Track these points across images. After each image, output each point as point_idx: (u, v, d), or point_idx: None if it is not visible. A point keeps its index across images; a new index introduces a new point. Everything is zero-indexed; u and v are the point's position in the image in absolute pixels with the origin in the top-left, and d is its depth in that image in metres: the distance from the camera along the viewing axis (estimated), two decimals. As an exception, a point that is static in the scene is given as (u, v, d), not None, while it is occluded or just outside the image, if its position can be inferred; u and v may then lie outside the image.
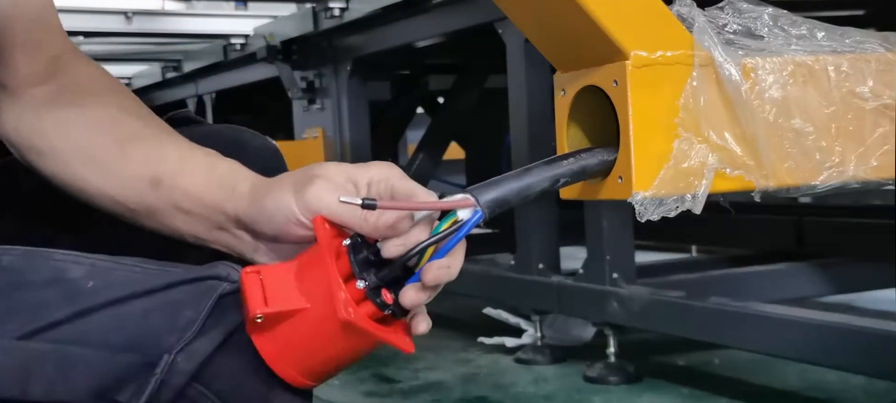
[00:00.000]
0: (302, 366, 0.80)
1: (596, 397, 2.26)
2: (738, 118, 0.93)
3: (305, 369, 0.81)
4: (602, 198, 0.94)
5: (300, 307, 0.78)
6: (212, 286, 0.82)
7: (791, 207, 3.40)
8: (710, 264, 3.04)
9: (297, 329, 0.79)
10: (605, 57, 0.92)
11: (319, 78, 3.45)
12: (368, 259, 0.80)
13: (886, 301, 2.93)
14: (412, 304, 0.80)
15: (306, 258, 0.81)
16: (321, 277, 0.78)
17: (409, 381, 2.48)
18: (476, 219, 0.81)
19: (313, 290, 0.79)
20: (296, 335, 0.79)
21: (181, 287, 0.82)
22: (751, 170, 0.94)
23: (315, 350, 0.80)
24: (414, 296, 0.80)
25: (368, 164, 0.86)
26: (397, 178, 0.84)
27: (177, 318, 0.80)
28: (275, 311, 0.78)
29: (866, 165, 0.98)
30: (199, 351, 0.80)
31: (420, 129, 4.06)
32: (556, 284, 2.51)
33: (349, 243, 0.80)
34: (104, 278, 0.83)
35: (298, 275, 0.80)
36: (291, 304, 0.78)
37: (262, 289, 0.79)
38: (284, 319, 0.78)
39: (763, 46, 0.97)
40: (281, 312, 0.78)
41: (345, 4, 3.10)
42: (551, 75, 1.00)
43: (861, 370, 1.94)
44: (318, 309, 0.78)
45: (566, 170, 0.88)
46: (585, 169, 0.90)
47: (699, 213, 0.92)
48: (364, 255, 0.80)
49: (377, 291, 0.79)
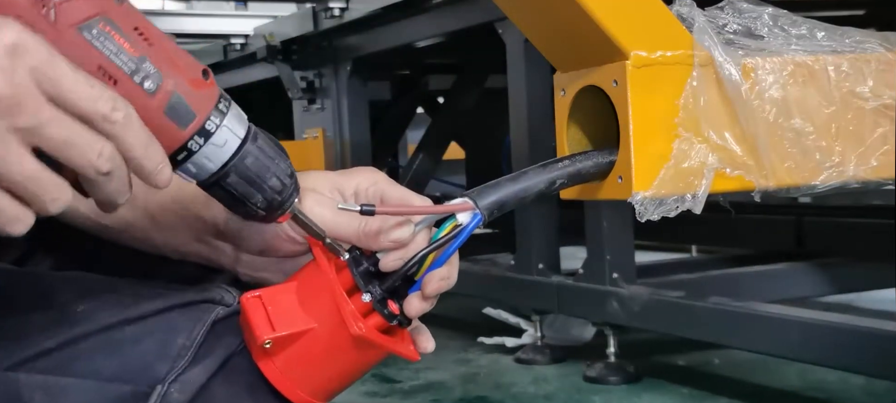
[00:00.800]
0: (311, 386, 0.79)
1: (596, 397, 2.26)
2: (738, 118, 0.93)
3: (315, 388, 0.79)
4: (602, 197, 0.94)
5: (307, 327, 0.77)
6: (205, 310, 0.79)
7: (791, 207, 3.40)
8: (710, 264, 3.04)
9: (305, 349, 0.77)
10: (605, 57, 0.92)
11: (319, 78, 3.45)
12: (369, 271, 0.79)
13: (886, 301, 2.93)
14: (417, 313, 0.79)
15: (306, 275, 0.79)
16: (325, 294, 0.77)
17: (409, 381, 2.48)
18: (475, 223, 0.80)
19: (318, 308, 0.77)
20: (304, 355, 0.77)
21: (174, 311, 0.79)
22: (751, 170, 0.94)
23: (324, 369, 0.78)
24: (418, 305, 0.79)
25: (352, 171, 0.83)
26: (386, 184, 0.82)
27: (169, 346, 0.78)
28: (282, 336, 0.76)
29: (866, 165, 0.98)
30: (193, 381, 0.77)
31: (420, 129, 4.05)
32: (556, 284, 2.51)
33: (349, 256, 0.78)
34: (95, 301, 0.79)
35: (300, 295, 0.78)
36: (298, 325, 0.77)
37: (265, 313, 0.77)
38: (292, 341, 0.77)
39: (763, 46, 0.97)
40: (287, 336, 0.76)
41: (345, 4, 3.10)
42: (551, 75, 1.00)
43: (861, 370, 1.93)
44: (326, 327, 0.77)
45: (562, 172, 0.88)
46: (581, 171, 0.90)
47: (699, 213, 0.92)
48: (365, 267, 0.79)
49: (383, 302, 0.78)
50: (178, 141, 0.67)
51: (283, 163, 0.73)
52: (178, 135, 0.67)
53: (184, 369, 0.77)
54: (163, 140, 0.66)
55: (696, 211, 0.92)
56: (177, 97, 0.66)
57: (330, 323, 0.77)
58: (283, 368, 0.77)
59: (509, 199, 0.83)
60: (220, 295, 0.80)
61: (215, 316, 0.79)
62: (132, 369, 0.77)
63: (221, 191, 0.71)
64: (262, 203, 0.73)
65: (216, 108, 0.68)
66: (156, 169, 0.65)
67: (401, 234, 0.78)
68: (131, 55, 0.65)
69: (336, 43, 3.34)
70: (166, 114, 0.66)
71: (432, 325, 0.84)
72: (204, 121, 0.68)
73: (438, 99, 4.42)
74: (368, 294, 0.77)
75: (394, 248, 0.78)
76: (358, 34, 3.21)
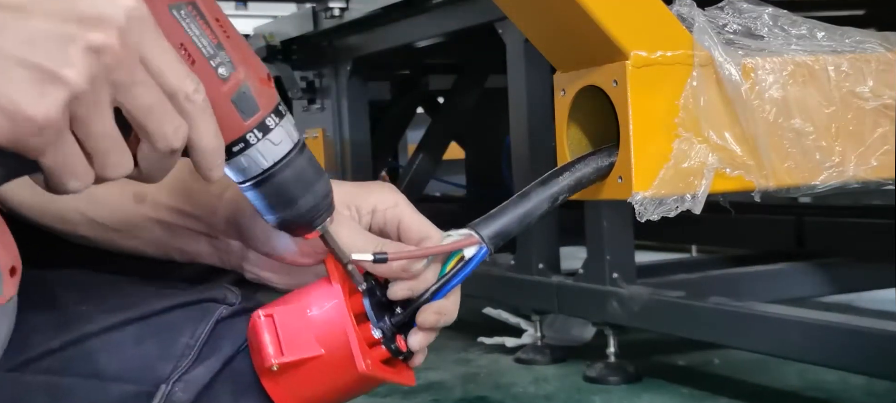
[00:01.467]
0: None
1: (596, 397, 2.26)
2: (738, 118, 0.93)
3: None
4: (602, 198, 0.94)
5: (316, 354, 0.77)
6: (208, 309, 0.79)
7: (791, 207, 3.40)
8: (710, 264, 3.04)
9: (310, 374, 0.78)
10: (605, 57, 0.92)
11: (319, 78, 3.45)
12: (380, 301, 0.80)
13: (886, 301, 2.93)
14: (418, 347, 0.80)
15: (318, 297, 0.79)
16: (338, 325, 0.77)
17: (409, 381, 2.48)
18: (481, 256, 0.81)
19: (328, 337, 0.77)
20: (308, 379, 0.78)
21: (177, 311, 0.79)
22: (751, 170, 0.94)
23: (326, 394, 0.79)
24: (419, 339, 0.80)
25: (369, 187, 0.83)
26: (405, 207, 0.81)
27: (173, 345, 0.77)
28: (290, 361, 0.76)
29: (866, 165, 0.98)
30: (197, 381, 0.77)
31: (420, 129, 4.05)
32: (556, 284, 2.51)
33: (365, 288, 0.79)
34: (97, 301, 0.79)
35: (312, 317, 0.78)
36: (307, 352, 0.77)
37: (276, 335, 0.77)
38: (299, 365, 0.77)
39: (763, 46, 0.97)
40: (296, 361, 0.77)
41: (345, 4, 3.10)
42: (551, 75, 1.00)
43: (861, 370, 1.93)
44: (333, 357, 0.77)
45: (563, 186, 0.89)
46: (581, 180, 0.90)
47: (699, 213, 0.92)
48: (378, 298, 0.79)
49: (392, 337, 0.80)
50: (238, 131, 0.69)
51: (323, 181, 0.74)
52: (240, 124, 0.69)
53: (187, 368, 0.77)
54: (224, 127, 0.67)
55: (696, 211, 0.92)
56: (245, 87, 0.68)
57: (338, 354, 0.77)
58: (285, 388, 0.78)
59: (513, 226, 0.84)
60: (224, 294, 0.80)
61: (218, 315, 0.79)
62: (135, 368, 0.77)
63: (264, 190, 0.72)
64: (298, 214, 0.73)
65: (276, 109, 0.70)
66: (215, 158, 0.66)
67: (413, 265, 0.78)
68: (211, 41, 0.67)
69: (336, 43, 3.33)
70: (233, 101, 0.68)
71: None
72: (265, 117, 0.69)
73: (438, 99, 4.42)
74: (379, 330, 0.79)
75: (404, 278, 0.78)
76: (358, 34, 3.21)
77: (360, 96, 3.33)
